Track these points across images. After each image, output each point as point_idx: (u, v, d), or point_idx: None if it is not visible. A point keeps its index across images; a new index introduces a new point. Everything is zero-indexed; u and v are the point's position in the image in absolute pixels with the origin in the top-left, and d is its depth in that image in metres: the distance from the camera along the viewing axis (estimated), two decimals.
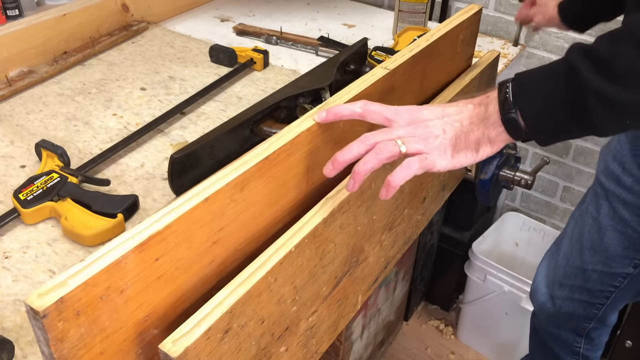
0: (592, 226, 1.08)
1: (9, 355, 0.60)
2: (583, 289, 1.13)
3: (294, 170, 0.64)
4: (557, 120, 0.60)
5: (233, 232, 0.58)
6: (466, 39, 0.97)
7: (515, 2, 1.54)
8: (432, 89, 0.91)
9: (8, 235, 0.78)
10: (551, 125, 0.61)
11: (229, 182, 0.55)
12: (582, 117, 0.59)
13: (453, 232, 1.68)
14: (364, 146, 0.60)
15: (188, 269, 0.54)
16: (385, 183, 0.60)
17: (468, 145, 0.63)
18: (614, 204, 1.02)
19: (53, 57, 1.18)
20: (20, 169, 0.91)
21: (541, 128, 0.62)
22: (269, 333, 0.58)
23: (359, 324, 1.33)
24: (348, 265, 0.71)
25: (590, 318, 1.16)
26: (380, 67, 0.77)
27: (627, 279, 1.06)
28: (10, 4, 1.31)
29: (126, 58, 1.25)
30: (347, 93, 0.70)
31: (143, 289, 0.49)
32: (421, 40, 0.84)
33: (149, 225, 0.49)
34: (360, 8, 1.61)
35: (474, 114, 0.63)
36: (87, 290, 0.44)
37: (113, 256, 0.46)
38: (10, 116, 1.04)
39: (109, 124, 1.03)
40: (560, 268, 1.16)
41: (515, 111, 0.61)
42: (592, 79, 0.57)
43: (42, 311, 0.41)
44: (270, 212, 0.63)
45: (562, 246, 1.18)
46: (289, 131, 0.63)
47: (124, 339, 0.49)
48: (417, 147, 0.60)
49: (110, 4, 1.30)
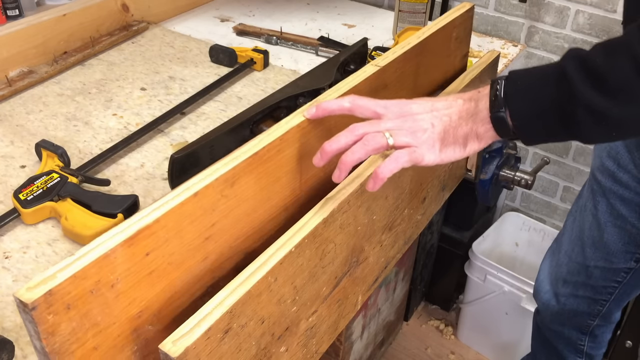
0: (592, 223, 1.08)
1: (9, 355, 0.60)
2: (586, 286, 1.13)
3: (287, 166, 0.64)
4: (545, 124, 0.61)
5: (226, 228, 0.58)
6: (459, 36, 0.97)
7: (515, 2, 1.54)
8: (426, 86, 0.91)
9: (8, 235, 0.78)
10: (538, 127, 0.61)
11: (218, 177, 0.55)
12: (569, 124, 0.59)
13: (453, 232, 1.68)
14: (351, 136, 0.61)
15: (180, 264, 0.54)
16: (373, 174, 0.60)
17: (456, 140, 0.63)
18: (611, 200, 1.02)
19: (53, 57, 1.18)
20: (20, 169, 0.91)
21: (528, 129, 0.62)
22: (269, 333, 0.58)
23: (359, 324, 1.33)
24: (348, 265, 0.71)
25: (595, 315, 1.16)
26: (371, 64, 0.77)
27: (630, 273, 1.06)
28: (10, 4, 1.31)
29: (126, 58, 1.25)
30: (336, 91, 0.71)
31: (135, 284, 0.49)
32: (413, 38, 0.85)
33: (137, 220, 0.49)
34: (360, 8, 1.61)
35: (464, 109, 0.64)
36: (76, 283, 0.44)
37: (101, 250, 0.46)
38: (10, 116, 1.04)
39: (109, 124, 1.03)
40: (563, 265, 1.16)
41: (504, 110, 0.61)
42: (584, 91, 0.57)
43: (31, 303, 0.41)
44: (265, 209, 0.63)
45: (562, 243, 1.18)
46: (279, 127, 0.63)
47: (118, 335, 0.49)
48: (405, 140, 0.61)
49: (110, 4, 1.30)
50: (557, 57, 1.57)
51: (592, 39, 1.47)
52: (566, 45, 1.52)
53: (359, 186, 0.67)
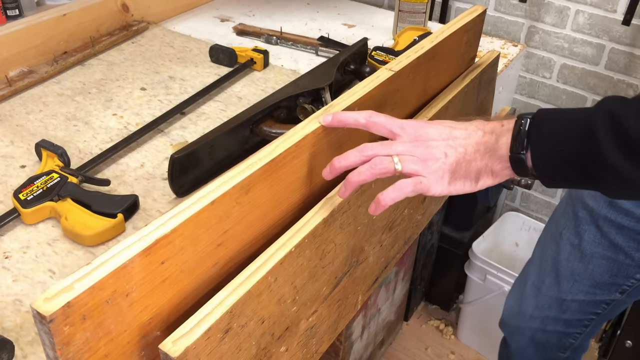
0: (571, 253, 1.00)
1: (9, 355, 0.60)
2: (558, 320, 1.06)
3: (298, 172, 0.64)
4: (568, 176, 0.58)
5: (237, 235, 0.58)
6: (470, 40, 0.97)
7: (515, 2, 1.54)
8: (434, 90, 0.90)
9: (8, 235, 0.78)
10: (560, 177, 0.58)
11: (235, 185, 0.55)
12: (591, 180, 0.57)
13: (453, 232, 1.68)
14: (360, 156, 0.59)
15: (192, 271, 0.54)
16: (375, 200, 0.59)
17: (468, 174, 0.60)
18: (604, 229, 0.94)
19: (53, 57, 1.18)
20: (20, 169, 0.91)
21: (549, 177, 0.59)
22: (269, 333, 0.58)
23: (359, 324, 1.33)
24: (348, 265, 0.71)
25: (566, 348, 1.09)
26: (385, 68, 0.76)
27: (611, 304, 1.00)
28: (10, 4, 1.31)
29: (126, 58, 1.25)
30: (351, 95, 0.70)
31: (148, 292, 0.49)
32: (426, 42, 0.84)
33: (155, 229, 0.49)
34: (360, 8, 1.61)
35: (482, 142, 0.60)
36: (93, 294, 0.44)
37: (120, 260, 0.46)
38: (10, 116, 1.04)
39: (109, 124, 1.03)
40: (531, 298, 1.08)
41: (525, 153, 0.58)
42: (612, 154, 0.53)
43: (49, 316, 0.41)
44: (274, 215, 0.63)
45: (529, 275, 1.10)
46: (294, 133, 0.62)
47: (128, 342, 0.49)
48: (414, 168, 0.59)
49: (110, 4, 1.30)
50: (557, 57, 1.58)
51: (592, 39, 1.47)
52: (566, 45, 1.52)
53: (359, 186, 0.67)
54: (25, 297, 0.69)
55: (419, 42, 0.85)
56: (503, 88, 1.47)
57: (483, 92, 1.04)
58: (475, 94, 1.00)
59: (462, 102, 0.94)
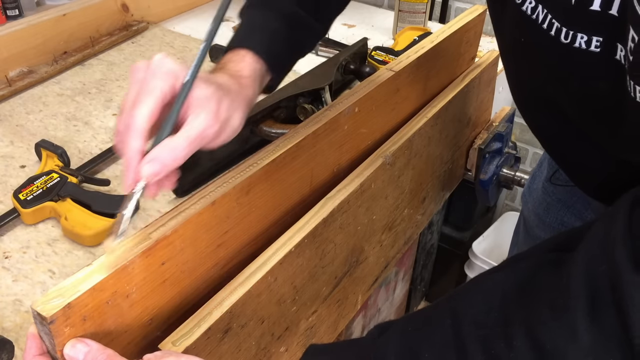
0: None
1: (9, 355, 0.60)
2: None
3: (298, 173, 0.64)
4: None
5: (237, 235, 0.58)
6: (470, 40, 0.97)
7: None
8: (435, 88, 0.91)
9: (8, 235, 0.78)
10: None
11: (235, 185, 0.55)
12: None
13: (453, 232, 1.68)
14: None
15: (192, 272, 0.53)
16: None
17: None
18: None
19: (53, 57, 1.18)
20: (20, 169, 0.91)
21: None
22: (268, 333, 0.58)
23: (359, 324, 1.33)
24: (348, 265, 0.71)
25: None
26: (386, 68, 0.77)
27: None
28: (10, 4, 1.31)
29: (126, 58, 1.25)
30: (352, 94, 0.70)
31: (148, 293, 0.49)
32: (426, 42, 0.84)
33: (155, 229, 0.49)
34: (360, 8, 1.61)
35: None
36: (94, 295, 0.44)
37: (120, 261, 0.46)
38: (10, 116, 1.04)
39: (109, 124, 1.03)
40: None
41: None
42: None
43: (50, 317, 0.41)
44: (274, 215, 0.63)
45: None
46: (295, 133, 0.63)
47: (128, 342, 0.49)
48: None
49: (110, 4, 1.30)
50: None
51: None
52: None
53: (359, 186, 0.67)
54: (25, 297, 0.69)
55: (419, 42, 0.85)
56: (503, 88, 1.47)
57: (483, 92, 1.04)
58: (475, 93, 1.00)
59: (462, 102, 0.94)
